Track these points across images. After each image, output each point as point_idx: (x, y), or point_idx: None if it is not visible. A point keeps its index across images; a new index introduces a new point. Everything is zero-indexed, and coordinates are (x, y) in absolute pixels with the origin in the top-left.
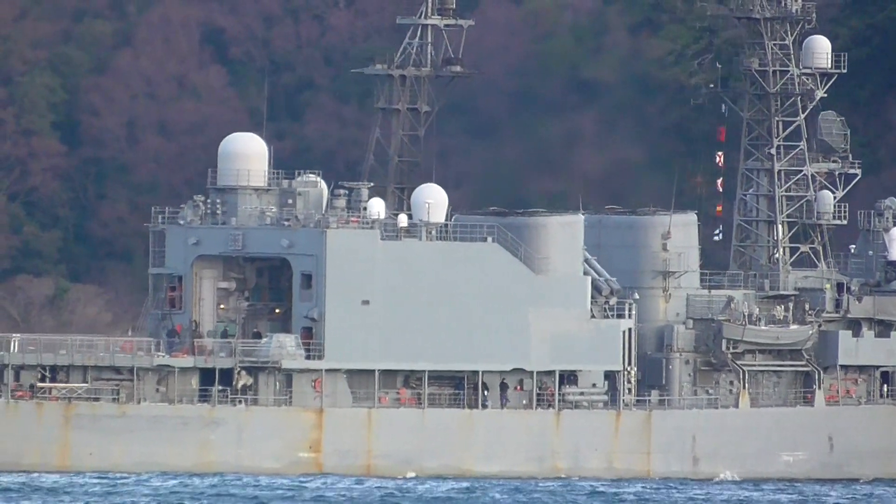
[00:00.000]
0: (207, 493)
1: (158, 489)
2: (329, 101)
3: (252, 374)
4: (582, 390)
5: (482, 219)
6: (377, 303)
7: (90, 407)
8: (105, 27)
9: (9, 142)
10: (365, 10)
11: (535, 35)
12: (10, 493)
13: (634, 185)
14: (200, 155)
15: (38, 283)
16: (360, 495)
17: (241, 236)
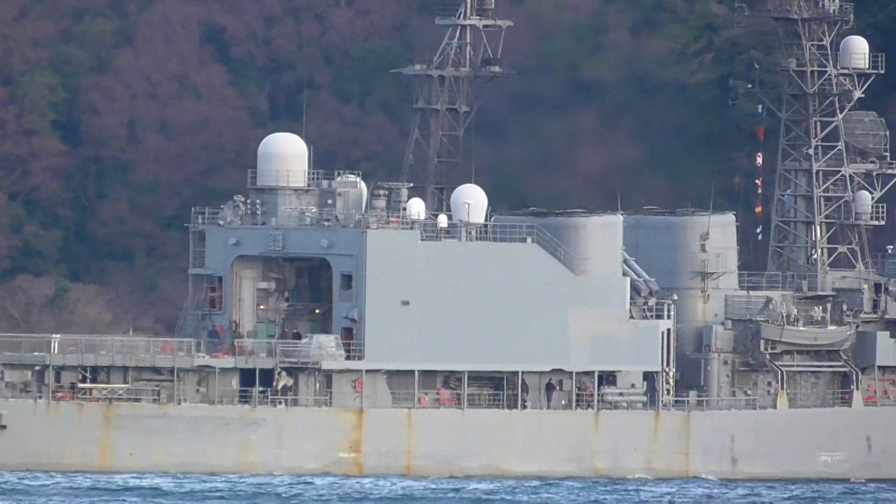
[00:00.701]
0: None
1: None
2: (330, 101)
3: (292, 375)
4: (621, 391)
5: (521, 219)
6: (417, 303)
7: (131, 408)
8: (106, 26)
9: (9, 141)
10: (366, 9)
11: (535, 35)
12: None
13: (635, 185)
14: (201, 154)
15: (39, 282)
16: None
17: (281, 236)
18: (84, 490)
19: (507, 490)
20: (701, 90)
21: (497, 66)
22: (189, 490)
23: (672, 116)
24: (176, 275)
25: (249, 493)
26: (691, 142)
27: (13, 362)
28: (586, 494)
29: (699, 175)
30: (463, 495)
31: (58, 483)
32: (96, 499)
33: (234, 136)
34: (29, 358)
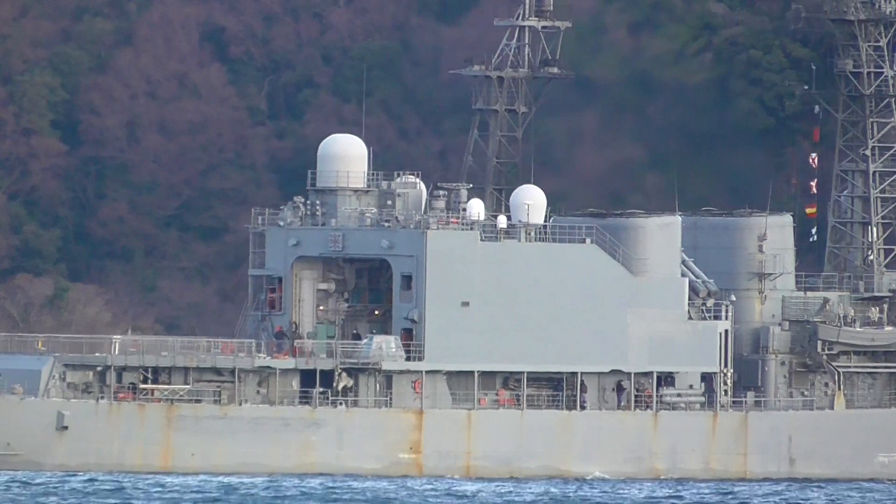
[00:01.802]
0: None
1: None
2: (329, 100)
3: (352, 376)
4: (679, 392)
5: (580, 220)
6: (477, 304)
7: (192, 408)
8: (105, 26)
9: (9, 141)
10: (365, 8)
11: (535, 33)
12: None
13: (635, 184)
14: (200, 154)
15: (38, 282)
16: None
17: (341, 237)
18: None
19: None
20: (701, 90)
21: (555, 67)
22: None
23: (672, 116)
24: (175, 274)
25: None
26: (691, 142)
27: (75, 363)
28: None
29: (699, 175)
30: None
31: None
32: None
33: (233, 135)
34: (91, 359)
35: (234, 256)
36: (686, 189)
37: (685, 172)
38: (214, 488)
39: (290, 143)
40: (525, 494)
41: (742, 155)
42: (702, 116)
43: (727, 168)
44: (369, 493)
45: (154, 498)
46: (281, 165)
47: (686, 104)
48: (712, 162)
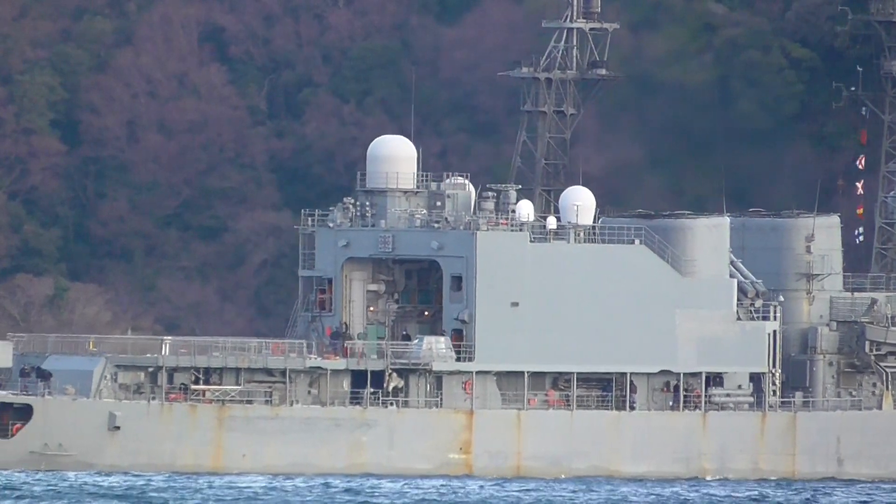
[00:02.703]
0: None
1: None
2: (329, 100)
3: (403, 376)
4: (728, 392)
5: (629, 221)
6: (526, 305)
7: (243, 409)
8: (105, 25)
9: (9, 140)
10: (364, 9)
11: (535, 33)
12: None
13: (635, 184)
14: (200, 154)
15: (38, 282)
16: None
17: (391, 238)
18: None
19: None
20: (701, 90)
21: (604, 69)
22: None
23: (671, 116)
24: (175, 274)
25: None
26: (690, 142)
27: (126, 364)
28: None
29: (698, 175)
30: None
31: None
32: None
33: (233, 135)
34: (142, 360)
35: (234, 256)
36: (686, 189)
37: (687, 173)
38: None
39: (289, 142)
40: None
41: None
42: (702, 116)
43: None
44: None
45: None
46: (281, 165)
47: (686, 104)
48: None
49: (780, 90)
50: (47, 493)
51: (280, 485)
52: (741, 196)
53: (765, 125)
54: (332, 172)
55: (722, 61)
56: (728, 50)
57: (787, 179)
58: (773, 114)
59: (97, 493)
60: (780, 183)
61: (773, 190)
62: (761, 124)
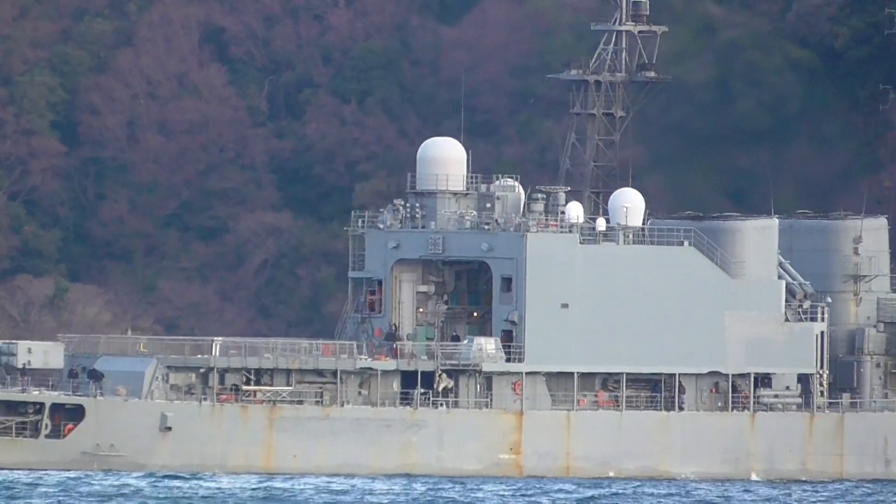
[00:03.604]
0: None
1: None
2: (329, 100)
3: (453, 377)
4: (776, 393)
5: (678, 223)
6: (576, 306)
7: (294, 410)
8: (105, 26)
9: (9, 141)
10: (365, 10)
11: (535, 33)
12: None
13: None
14: (200, 154)
15: (38, 282)
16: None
17: (441, 240)
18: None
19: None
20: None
21: (652, 71)
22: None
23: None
24: (175, 274)
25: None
26: (691, 142)
27: (178, 365)
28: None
29: (698, 174)
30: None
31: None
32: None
33: (233, 135)
34: (193, 360)
35: (234, 256)
36: (688, 189)
37: (688, 173)
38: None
39: (289, 143)
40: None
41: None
42: (702, 116)
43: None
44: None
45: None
46: (281, 165)
47: (687, 104)
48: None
49: (781, 90)
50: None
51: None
52: (742, 196)
53: (765, 125)
54: (332, 173)
55: (722, 61)
56: (728, 50)
57: (788, 179)
58: (773, 113)
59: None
60: (780, 183)
61: (773, 190)
62: (762, 124)
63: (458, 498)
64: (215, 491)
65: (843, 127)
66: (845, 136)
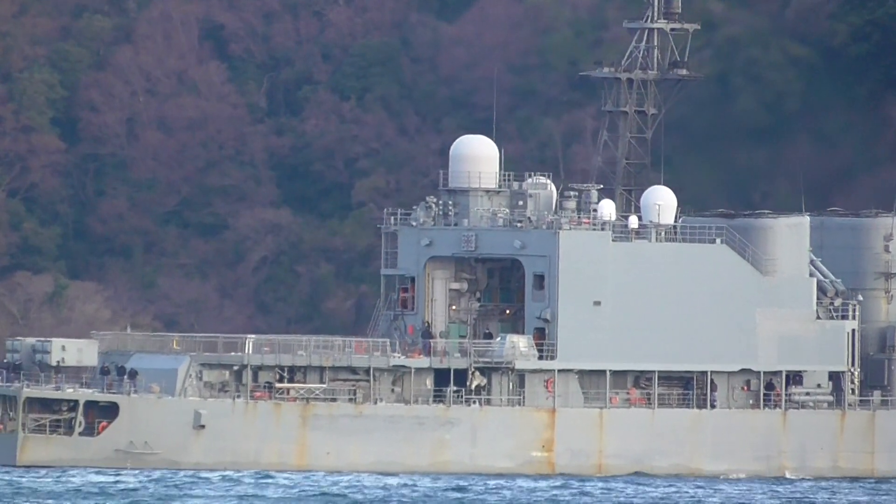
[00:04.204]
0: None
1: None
2: (328, 97)
3: (485, 375)
4: (808, 390)
5: (710, 220)
6: (608, 304)
7: (327, 407)
8: (105, 23)
9: (8, 138)
10: (364, 7)
11: (534, 30)
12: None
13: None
14: (199, 151)
15: (38, 279)
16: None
17: (474, 237)
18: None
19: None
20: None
21: (684, 69)
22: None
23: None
24: (174, 271)
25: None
26: (690, 139)
27: (211, 362)
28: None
29: (697, 172)
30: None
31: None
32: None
33: (232, 132)
34: (227, 358)
35: (234, 253)
36: (686, 187)
37: (687, 170)
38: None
39: (289, 139)
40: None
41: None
42: (701, 113)
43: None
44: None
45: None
46: (280, 162)
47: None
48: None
49: (780, 87)
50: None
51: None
52: (743, 194)
53: (765, 122)
54: (331, 170)
55: (722, 58)
56: (728, 47)
57: (788, 177)
58: (773, 111)
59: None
60: (780, 180)
61: (774, 187)
62: (762, 121)
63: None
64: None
65: (842, 124)
66: (845, 133)
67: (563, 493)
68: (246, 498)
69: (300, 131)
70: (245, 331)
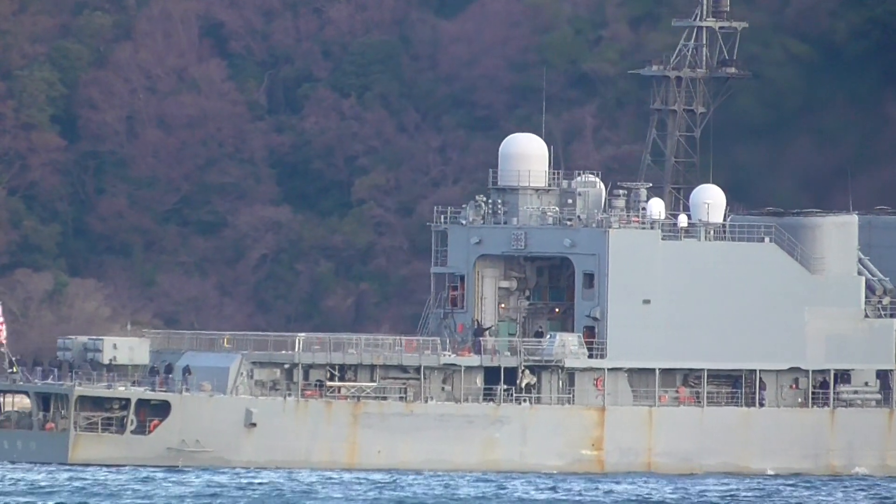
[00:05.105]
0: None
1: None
2: (328, 95)
3: (535, 373)
4: (855, 389)
5: (759, 219)
6: (658, 302)
7: (378, 405)
8: (104, 21)
9: (8, 136)
10: (364, 5)
11: (534, 27)
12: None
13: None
14: (199, 149)
15: (37, 277)
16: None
17: (524, 235)
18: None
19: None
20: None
21: (733, 67)
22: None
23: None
24: (174, 269)
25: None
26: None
27: (262, 360)
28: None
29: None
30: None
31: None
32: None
33: (232, 130)
34: (278, 356)
35: (234, 251)
36: None
37: None
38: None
39: (289, 137)
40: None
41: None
42: None
43: None
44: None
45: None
46: (280, 160)
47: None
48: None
49: (780, 84)
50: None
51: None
52: (742, 192)
53: (765, 120)
54: (331, 167)
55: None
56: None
57: (788, 174)
58: (773, 109)
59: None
60: (781, 178)
61: (774, 185)
62: (761, 119)
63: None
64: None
65: (842, 121)
66: (845, 130)
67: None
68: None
69: (300, 129)
70: (245, 329)
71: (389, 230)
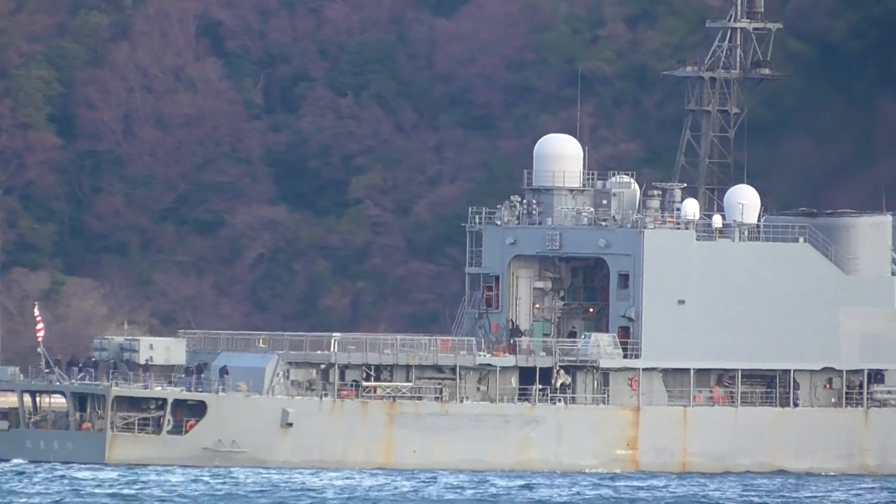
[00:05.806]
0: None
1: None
2: (325, 94)
3: (570, 373)
4: (889, 389)
5: (793, 219)
6: (692, 302)
7: (413, 405)
8: (101, 20)
9: (5, 135)
10: (361, 4)
11: (531, 26)
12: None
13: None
14: (196, 148)
15: (34, 276)
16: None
17: (558, 236)
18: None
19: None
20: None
21: (767, 68)
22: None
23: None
24: (171, 268)
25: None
26: None
27: (298, 361)
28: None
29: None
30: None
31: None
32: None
33: (229, 129)
34: (314, 356)
35: (230, 250)
36: None
37: None
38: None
39: (285, 136)
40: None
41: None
42: None
43: None
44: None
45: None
46: (276, 159)
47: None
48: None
49: (778, 83)
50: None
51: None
52: None
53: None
54: (328, 166)
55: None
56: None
57: (788, 173)
58: (772, 108)
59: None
60: (780, 177)
61: (774, 184)
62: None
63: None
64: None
65: (839, 120)
66: (842, 129)
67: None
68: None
69: (297, 128)
70: (242, 328)
71: (386, 229)
